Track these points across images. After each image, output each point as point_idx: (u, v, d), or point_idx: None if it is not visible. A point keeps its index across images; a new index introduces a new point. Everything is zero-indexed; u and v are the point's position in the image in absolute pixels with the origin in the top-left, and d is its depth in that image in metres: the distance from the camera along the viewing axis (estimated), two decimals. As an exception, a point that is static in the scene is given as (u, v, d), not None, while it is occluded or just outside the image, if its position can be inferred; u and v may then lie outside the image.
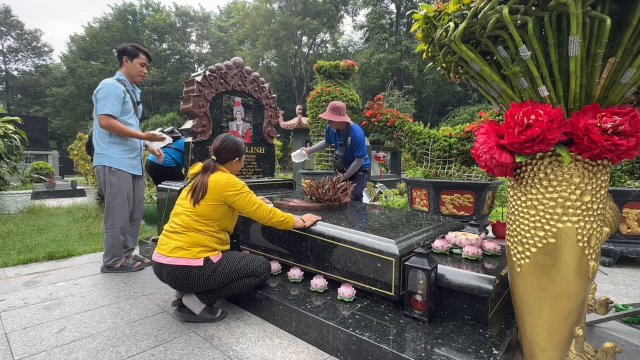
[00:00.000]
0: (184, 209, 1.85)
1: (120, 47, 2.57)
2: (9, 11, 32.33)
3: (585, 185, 1.03)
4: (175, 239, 1.79)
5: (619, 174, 3.24)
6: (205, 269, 1.75)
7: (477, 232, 2.03)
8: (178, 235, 1.80)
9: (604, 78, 0.98)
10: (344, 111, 3.33)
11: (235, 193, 1.84)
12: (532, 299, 1.13)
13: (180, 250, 1.76)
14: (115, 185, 2.53)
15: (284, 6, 27.57)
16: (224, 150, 1.95)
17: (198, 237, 1.80)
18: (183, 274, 1.73)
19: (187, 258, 1.74)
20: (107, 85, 2.43)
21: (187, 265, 1.73)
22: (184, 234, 1.80)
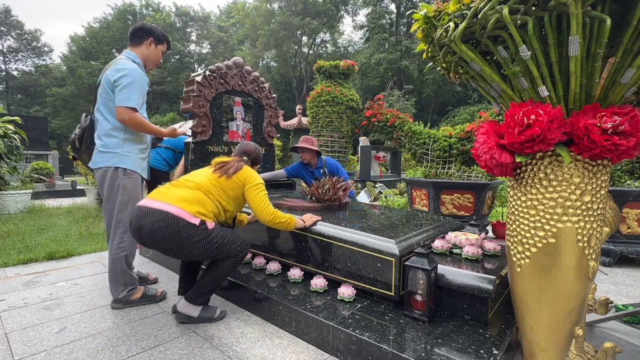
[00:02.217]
0: (206, 176, 1.83)
1: (147, 25, 2.10)
2: (9, 11, 32.32)
3: (585, 185, 1.03)
4: (182, 190, 1.74)
5: (619, 174, 3.24)
6: (200, 231, 1.66)
7: (477, 232, 2.03)
8: (187, 189, 1.74)
9: (604, 78, 0.98)
10: (316, 143, 3.34)
11: (254, 184, 1.87)
12: (532, 299, 1.13)
13: (182, 202, 1.68)
14: (130, 191, 2.02)
15: (284, 6, 27.55)
16: (255, 156, 2.05)
17: (205, 198, 1.75)
18: (175, 226, 1.61)
19: (186, 212, 1.66)
20: (134, 72, 1.94)
21: (184, 218, 1.63)
22: (194, 190, 1.75)
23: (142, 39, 2.08)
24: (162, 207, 1.64)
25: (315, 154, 3.31)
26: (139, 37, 2.07)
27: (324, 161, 3.35)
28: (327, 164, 3.33)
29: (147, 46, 2.09)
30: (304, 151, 3.27)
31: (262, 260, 2.27)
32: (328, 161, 3.36)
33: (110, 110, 1.96)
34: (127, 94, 1.89)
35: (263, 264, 2.24)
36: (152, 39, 2.09)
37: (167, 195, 1.70)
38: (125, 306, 2.03)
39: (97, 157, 2.00)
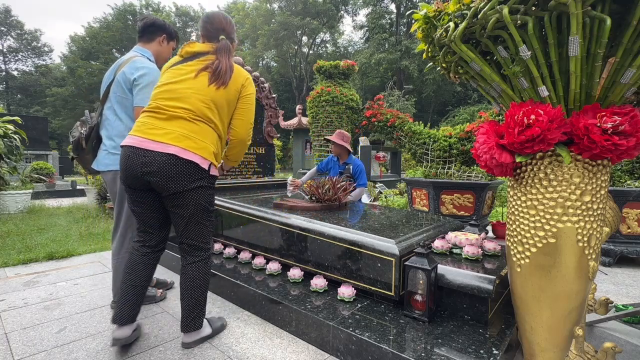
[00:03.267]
0: (194, 90, 1.45)
1: (159, 21, 1.98)
2: (9, 11, 32.32)
3: (585, 185, 1.03)
4: (179, 126, 1.40)
5: (619, 174, 3.24)
6: (208, 178, 1.46)
7: (477, 232, 2.03)
8: (183, 122, 1.41)
9: (604, 78, 0.98)
10: (349, 140, 3.45)
11: (250, 93, 1.58)
12: (532, 299, 1.13)
13: (187, 140, 1.39)
14: None
15: (284, 6, 27.56)
16: (231, 29, 1.65)
17: (209, 132, 1.46)
18: (188, 171, 1.38)
19: (197, 154, 1.39)
20: (154, 71, 1.84)
21: (197, 162, 1.39)
22: (194, 123, 1.42)
23: (155, 35, 1.97)
24: (165, 150, 1.37)
25: (345, 150, 3.41)
26: (150, 33, 1.96)
27: (353, 160, 3.44)
28: (354, 163, 3.42)
29: (159, 43, 1.99)
30: (334, 144, 3.40)
31: (262, 260, 2.27)
32: (356, 161, 3.45)
33: (126, 110, 1.84)
34: (147, 94, 1.77)
35: (263, 264, 2.24)
36: (165, 35, 2.00)
37: (162, 134, 1.40)
38: None
39: (106, 159, 1.84)
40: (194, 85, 1.47)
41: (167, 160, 1.38)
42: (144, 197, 1.49)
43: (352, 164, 3.40)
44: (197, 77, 1.48)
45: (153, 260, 1.60)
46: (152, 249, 1.59)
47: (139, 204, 1.51)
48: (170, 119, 1.43)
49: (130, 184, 1.46)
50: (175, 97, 1.45)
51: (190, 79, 1.48)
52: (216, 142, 1.53)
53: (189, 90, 1.46)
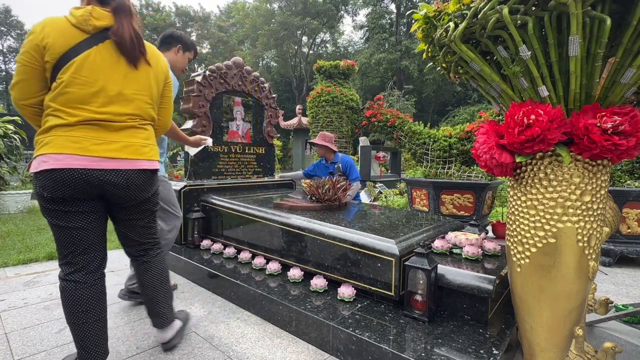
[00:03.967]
0: (119, 83, 1.24)
1: (176, 33, 2.12)
2: (9, 11, 32.31)
3: (585, 185, 1.03)
4: (133, 136, 1.28)
5: (619, 174, 3.24)
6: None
7: (477, 232, 2.03)
8: (134, 131, 1.28)
9: (604, 78, 0.98)
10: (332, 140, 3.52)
11: (171, 78, 1.50)
12: (532, 299, 1.13)
13: (146, 149, 1.32)
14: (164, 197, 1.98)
15: (284, 6, 27.55)
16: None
17: (150, 130, 1.38)
18: (149, 180, 1.35)
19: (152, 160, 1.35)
20: (176, 82, 1.90)
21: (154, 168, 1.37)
22: (144, 129, 1.32)
23: (171, 45, 2.11)
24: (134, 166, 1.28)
25: (329, 150, 3.46)
26: (167, 44, 2.11)
27: (340, 157, 3.49)
28: (342, 160, 3.47)
29: (174, 52, 2.12)
30: (318, 146, 3.46)
31: (262, 260, 2.27)
32: (344, 158, 3.50)
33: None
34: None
35: (263, 264, 2.24)
36: (180, 46, 2.12)
37: (127, 151, 1.26)
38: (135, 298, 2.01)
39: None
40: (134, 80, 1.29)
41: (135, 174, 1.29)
42: (89, 207, 1.25)
43: (339, 162, 3.45)
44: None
45: (102, 288, 1.38)
46: (98, 275, 1.36)
47: (79, 219, 1.23)
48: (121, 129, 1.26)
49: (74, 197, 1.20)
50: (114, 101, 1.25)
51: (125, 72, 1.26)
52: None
53: (129, 90, 1.27)
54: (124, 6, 1.25)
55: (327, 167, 3.52)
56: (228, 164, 3.26)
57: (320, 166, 3.58)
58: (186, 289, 2.23)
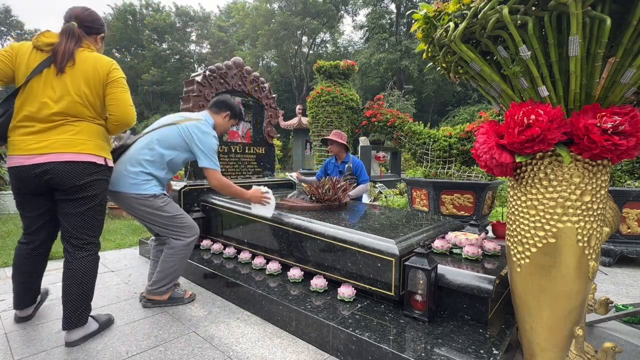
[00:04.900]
0: (49, 88, 1.50)
1: (228, 100, 2.22)
2: (9, 11, 32.30)
3: (585, 185, 1.03)
4: (63, 133, 1.52)
5: (619, 174, 3.24)
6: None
7: (477, 232, 2.03)
8: (63, 129, 1.52)
9: (604, 78, 0.98)
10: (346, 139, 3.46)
11: (121, 76, 1.64)
12: (532, 299, 1.13)
13: (73, 143, 1.53)
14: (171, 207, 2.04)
15: (284, 6, 27.55)
16: (90, 18, 1.66)
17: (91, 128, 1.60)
18: (76, 170, 1.51)
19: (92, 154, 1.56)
20: (213, 139, 2.03)
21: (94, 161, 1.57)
22: (74, 126, 1.54)
23: (221, 110, 2.19)
24: (58, 159, 1.51)
25: (344, 148, 3.41)
26: (218, 108, 2.19)
27: (351, 157, 3.45)
28: (353, 161, 3.43)
29: (222, 117, 2.19)
30: (332, 143, 3.38)
31: (262, 260, 2.27)
32: (354, 159, 3.46)
33: (170, 147, 1.95)
34: (212, 157, 1.98)
35: (263, 264, 2.24)
36: (230, 112, 2.21)
37: (43, 146, 1.49)
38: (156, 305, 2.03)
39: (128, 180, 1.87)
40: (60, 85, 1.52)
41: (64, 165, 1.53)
42: (35, 201, 1.64)
43: (351, 162, 3.40)
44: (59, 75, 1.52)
45: (37, 260, 1.75)
46: (35, 252, 1.72)
47: (29, 209, 1.66)
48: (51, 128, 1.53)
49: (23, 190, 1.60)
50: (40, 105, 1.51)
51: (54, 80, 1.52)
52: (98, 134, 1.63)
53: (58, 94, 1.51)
54: (67, 29, 1.56)
55: (337, 167, 3.46)
56: (228, 164, 3.26)
57: (330, 166, 3.52)
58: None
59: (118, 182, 1.85)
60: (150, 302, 2.01)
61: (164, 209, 1.92)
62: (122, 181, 1.85)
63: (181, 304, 2.03)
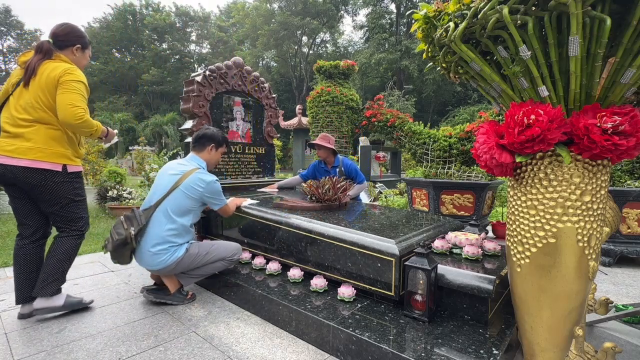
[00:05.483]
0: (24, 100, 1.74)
1: (207, 132, 2.21)
2: (9, 11, 32.29)
3: (585, 185, 1.03)
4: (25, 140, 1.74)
5: (619, 174, 3.24)
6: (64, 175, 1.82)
7: (477, 232, 2.03)
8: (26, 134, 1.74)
9: (604, 78, 0.98)
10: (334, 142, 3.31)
11: (70, 79, 1.74)
12: (532, 299, 1.13)
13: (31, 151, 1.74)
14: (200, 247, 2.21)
15: (284, 6, 27.56)
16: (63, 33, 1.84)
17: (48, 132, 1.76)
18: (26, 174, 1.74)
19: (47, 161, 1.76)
20: (215, 184, 2.12)
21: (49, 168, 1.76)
22: (32, 126, 1.73)
23: (204, 146, 2.21)
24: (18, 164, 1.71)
25: (332, 153, 3.28)
26: (201, 145, 2.21)
27: (341, 161, 3.30)
28: (344, 164, 3.29)
29: (209, 151, 2.23)
30: (319, 148, 3.24)
31: (262, 260, 2.27)
32: (345, 161, 3.31)
33: (186, 212, 2.03)
34: (221, 198, 2.16)
35: (263, 264, 2.24)
36: (214, 145, 2.24)
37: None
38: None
39: (157, 258, 1.94)
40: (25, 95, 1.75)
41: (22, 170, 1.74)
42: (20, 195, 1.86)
43: (342, 165, 3.26)
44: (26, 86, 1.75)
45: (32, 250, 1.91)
46: (29, 240, 1.93)
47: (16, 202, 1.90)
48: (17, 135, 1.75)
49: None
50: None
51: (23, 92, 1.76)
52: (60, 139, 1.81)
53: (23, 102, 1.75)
54: (37, 46, 1.79)
55: (327, 172, 3.26)
56: (228, 164, 3.26)
57: (319, 170, 3.34)
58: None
59: (153, 261, 1.93)
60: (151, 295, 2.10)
61: (199, 255, 2.05)
62: (157, 260, 1.93)
63: (181, 303, 2.04)
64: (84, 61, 1.95)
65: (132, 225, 1.93)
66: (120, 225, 1.94)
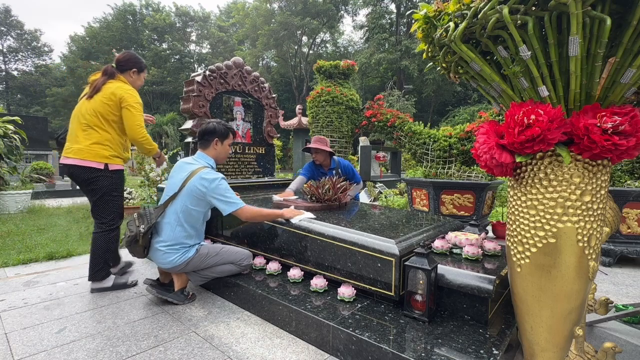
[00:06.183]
0: (83, 109, 2.18)
1: (208, 127, 2.17)
2: (9, 11, 32.30)
3: (585, 185, 1.03)
4: (79, 143, 2.17)
5: (619, 174, 3.24)
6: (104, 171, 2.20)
7: (477, 232, 2.03)
8: (81, 137, 2.16)
9: (604, 78, 0.98)
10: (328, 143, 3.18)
11: (130, 104, 2.14)
12: (532, 299, 1.13)
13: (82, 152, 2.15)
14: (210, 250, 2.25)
15: (284, 6, 27.56)
16: (124, 60, 2.27)
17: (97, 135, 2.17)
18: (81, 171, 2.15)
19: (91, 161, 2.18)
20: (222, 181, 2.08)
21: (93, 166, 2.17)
22: (90, 131, 2.16)
23: (209, 141, 2.18)
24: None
25: (328, 155, 3.15)
26: (205, 141, 2.19)
27: (337, 162, 3.22)
28: (341, 165, 3.20)
29: (215, 147, 2.19)
30: (317, 152, 3.09)
31: (262, 260, 2.27)
32: (341, 162, 3.23)
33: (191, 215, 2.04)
34: (230, 198, 2.02)
35: (263, 264, 2.24)
36: (218, 138, 2.18)
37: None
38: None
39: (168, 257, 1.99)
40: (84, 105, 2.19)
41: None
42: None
43: (339, 167, 3.19)
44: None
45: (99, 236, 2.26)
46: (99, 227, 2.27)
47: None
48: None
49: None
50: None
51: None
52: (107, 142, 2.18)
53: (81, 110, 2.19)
54: (103, 69, 2.25)
55: (324, 174, 3.14)
56: (228, 164, 3.26)
57: (316, 171, 3.22)
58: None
59: (164, 259, 1.99)
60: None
61: (209, 256, 2.07)
62: (167, 259, 1.98)
63: (181, 303, 2.04)
64: (139, 82, 2.35)
65: (142, 223, 1.98)
66: (133, 222, 2.01)
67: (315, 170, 3.23)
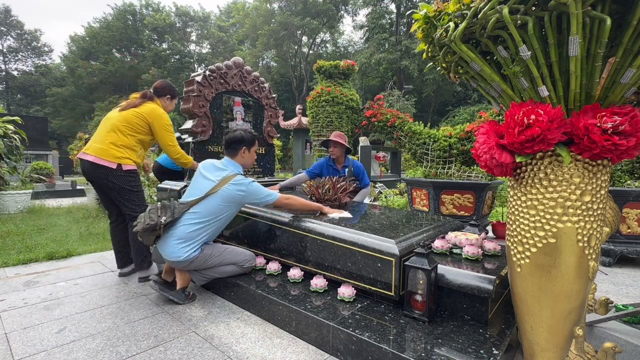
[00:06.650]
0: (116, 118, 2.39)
1: (236, 136, 2.21)
2: (9, 11, 32.32)
3: (585, 185, 1.03)
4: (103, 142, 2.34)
5: (619, 174, 3.24)
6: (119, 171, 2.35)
7: (477, 232, 2.03)
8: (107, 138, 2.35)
9: (604, 78, 0.98)
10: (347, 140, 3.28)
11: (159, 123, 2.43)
12: (532, 299, 1.13)
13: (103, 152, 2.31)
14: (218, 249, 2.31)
15: (284, 6, 27.57)
16: (160, 87, 2.59)
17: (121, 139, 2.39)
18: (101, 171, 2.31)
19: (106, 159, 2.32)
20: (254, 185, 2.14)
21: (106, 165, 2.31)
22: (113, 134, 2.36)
23: (237, 150, 2.22)
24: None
25: (345, 152, 3.25)
26: (233, 149, 2.22)
27: (351, 161, 3.29)
28: (354, 165, 3.28)
29: (243, 155, 2.24)
30: (335, 146, 3.18)
31: (262, 260, 2.27)
32: (355, 162, 3.31)
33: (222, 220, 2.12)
34: (265, 194, 2.12)
35: (263, 264, 2.24)
36: (245, 147, 2.24)
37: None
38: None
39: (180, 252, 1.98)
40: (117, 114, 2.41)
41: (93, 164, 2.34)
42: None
43: (351, 165, 3.27)
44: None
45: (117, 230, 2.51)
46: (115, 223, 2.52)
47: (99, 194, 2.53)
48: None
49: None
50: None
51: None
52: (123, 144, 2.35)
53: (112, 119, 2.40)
54: (142, 93, 2.55)
55: (337, 171, 3.21)
56: (228, 164, 3.26)
57: (327, 168, 3.27)
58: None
59: (170, 253, 1.97)
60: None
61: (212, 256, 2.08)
62: (174, 254, 1.97)
63: (181, 302, 2.04)
64: (170, 107, 2.65)
65: (165, 214, 1.99)
66: (155, 211, 2.00)
67: (327, 167, 3.30)
